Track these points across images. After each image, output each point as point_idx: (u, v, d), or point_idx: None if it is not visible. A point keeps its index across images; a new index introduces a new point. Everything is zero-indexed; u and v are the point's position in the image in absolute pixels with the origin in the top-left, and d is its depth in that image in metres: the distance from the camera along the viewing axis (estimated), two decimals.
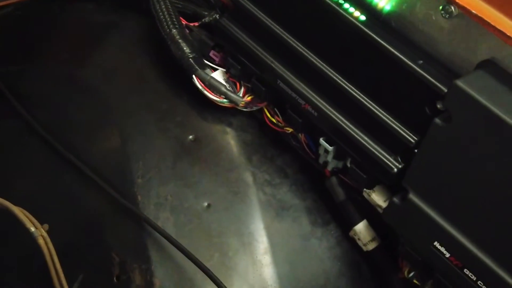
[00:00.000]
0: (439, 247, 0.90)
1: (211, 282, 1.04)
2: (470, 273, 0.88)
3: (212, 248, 1.13)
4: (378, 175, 0.99)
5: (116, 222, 1.15)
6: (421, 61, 0.90)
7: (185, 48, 1.15)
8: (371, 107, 0.97)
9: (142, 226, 1.12)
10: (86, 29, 1.39)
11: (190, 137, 1.22)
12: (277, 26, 1.06)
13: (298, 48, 1.03)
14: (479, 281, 0.87)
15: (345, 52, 0.98)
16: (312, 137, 1.11)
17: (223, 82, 1.16)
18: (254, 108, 1.18)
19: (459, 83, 0.81)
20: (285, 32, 1.05)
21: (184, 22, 1.19)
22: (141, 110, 1.25)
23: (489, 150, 0.81)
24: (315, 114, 1.03)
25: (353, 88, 0.98)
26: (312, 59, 1.02)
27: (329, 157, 1.07)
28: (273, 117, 1.16)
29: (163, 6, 1.16)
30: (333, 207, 1.16)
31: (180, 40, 1.16)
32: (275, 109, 1.16)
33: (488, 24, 0.78)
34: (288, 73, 1.06)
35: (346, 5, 0.95)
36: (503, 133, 0.78)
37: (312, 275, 1.14)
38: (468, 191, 0.85)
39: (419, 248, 0.95)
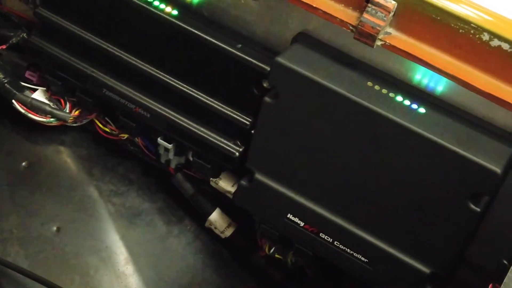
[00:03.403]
0: (292, 218, 0.93)
1: None
2: (326, 236, 0.92)
3: (71, 271, 1.09)
4: (221, 162, 1.00)
5: None
6: (240, 45, 0.92)
7: None
8: (200, 98, 0.97)
9: None
10: None
11: (23, 164, 1.18)
12: (91, 35, 1.03)
13: (117, 53, 1.01)
14: (336, 242, 0.91)
15: (165, 49, 0.98)
16: (149, 139, 1.11)
17: (46, 101, 1.11)
18: (84, 121, 1.15)
19: (279, 59, 0.84)
20: (100, 40, 1.02)
21: None
22: None
23: (318, 117, 0.85)
24: (148, 115, 1.02)
25: (179, 83, 0.98)
26: (134, 62, 1.01)
27: (170, 155, 1.07)
28: (105, 126, 1.14)
29: None
30: (184, 203, 1.16)
31: None
32: (106, 118, 1.14)
33: None
34: (112, 80, 1.04)
35: (156, 3, 0.95)
36: (327, 97, 0.82)
37: (178, 273, 1.14)
38: (309, 159, 0.89)
39: (274, 224, 0.98)
